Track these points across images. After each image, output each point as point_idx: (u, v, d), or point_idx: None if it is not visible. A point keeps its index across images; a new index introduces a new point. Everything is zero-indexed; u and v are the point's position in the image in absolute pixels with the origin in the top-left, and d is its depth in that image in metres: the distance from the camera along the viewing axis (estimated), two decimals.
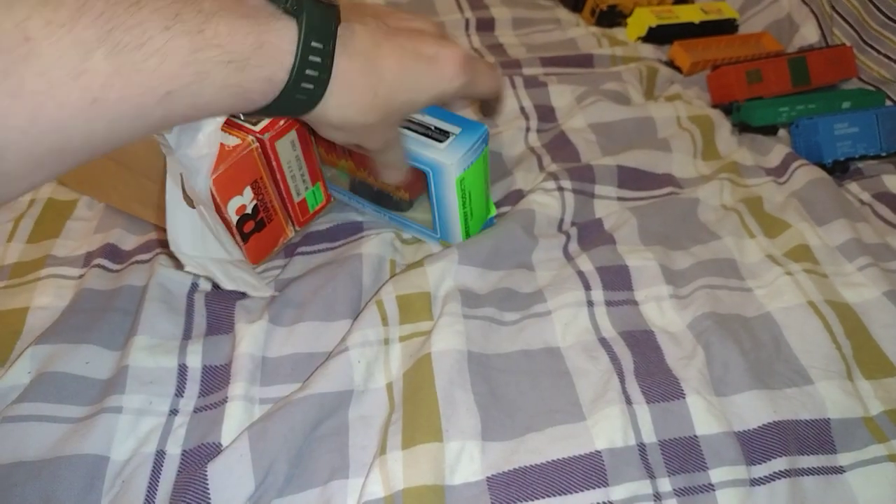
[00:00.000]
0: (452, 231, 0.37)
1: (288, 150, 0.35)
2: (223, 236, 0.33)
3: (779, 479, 0.29)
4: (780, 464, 0.29)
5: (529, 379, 0.32)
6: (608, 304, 0.36)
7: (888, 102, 0.53)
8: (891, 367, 0.33)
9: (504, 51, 0.59)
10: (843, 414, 0.31)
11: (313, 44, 0.21)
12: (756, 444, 0.30)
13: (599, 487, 0.28)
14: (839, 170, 0.47)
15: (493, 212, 0.40)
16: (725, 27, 0.62)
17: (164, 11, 0.18)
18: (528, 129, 0.49)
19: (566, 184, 0.42)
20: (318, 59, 0.21)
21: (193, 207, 0.32)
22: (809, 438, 0.30)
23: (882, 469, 0.30)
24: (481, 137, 0.34)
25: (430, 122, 0.34)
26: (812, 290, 0.36)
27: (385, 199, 0.38)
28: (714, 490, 0.28)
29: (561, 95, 0.51)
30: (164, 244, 0.38)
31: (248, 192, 0.34)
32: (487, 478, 0.28)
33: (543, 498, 0.28)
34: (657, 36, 0.60)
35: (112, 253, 0.38)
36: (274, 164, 0.35)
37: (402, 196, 0.37)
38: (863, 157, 0.48)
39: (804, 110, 0.50)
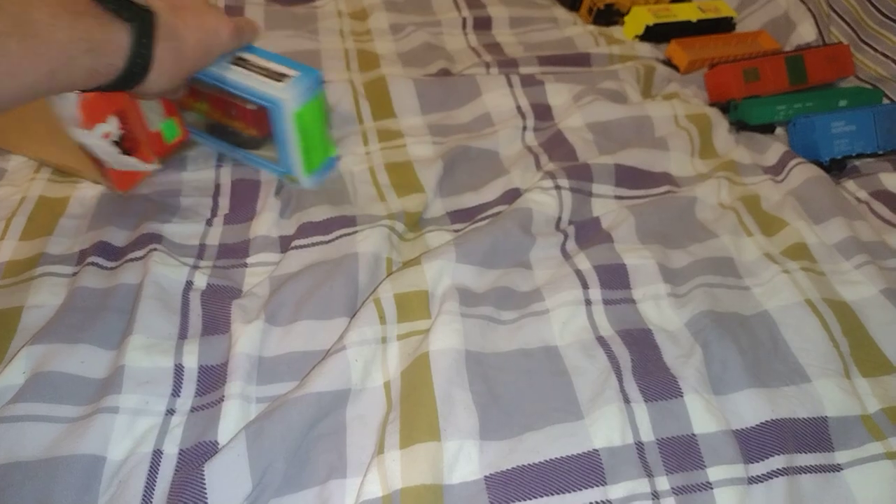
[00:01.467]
0: (295, 164, 0.42)
1: None
2: (105, 151, 0.40)
3: (776, 477, 0.29)
4: (777, 462, 0.29)
5: (527, 378, 0.32)
6: (606, 302, 0.36)
7: (885, 100, 0.53)
8: (888, 364, 0.34)
9: (501, 49, 0.59)
10: (841, 412, 0.31)
11: (142, 40, 0.31)
12: (754, 443, 0.30)
13: (597, 486, 0.28)
14: (836, 168, 0.47)
15: (334, 152, 0.45)
16: (723, 25, 0.62)
17: (46, 10, 0.27)
18: (524, 129, 0.49)
19: (564, 182, 0.42)
20: (143, 51, 0.31)
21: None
22: (807, 436, 0.30)
23: (879, 467, 0.30)
24: (315, 79, 0.40)
25: (272, 67, 0.39)
26: (809, 289, 0.36)
27: (237, 138, 0.43)
28: (712, 488, 0.28)
29: (558, 94, 0.51)
30: (155, 239, 0.38)
31: (114, 121, 0.39)
32: (485, 477, 0.28)
33: (541, 497, 0.28)
34: (654, 34, 0.60)
35: (105, 250, 0.38)
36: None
37: (252, 134, 0.42)
38: (860, 156, 0.48)
39: (801, 108, 0.50)
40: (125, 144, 0.40)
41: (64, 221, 0.41)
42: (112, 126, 0.39)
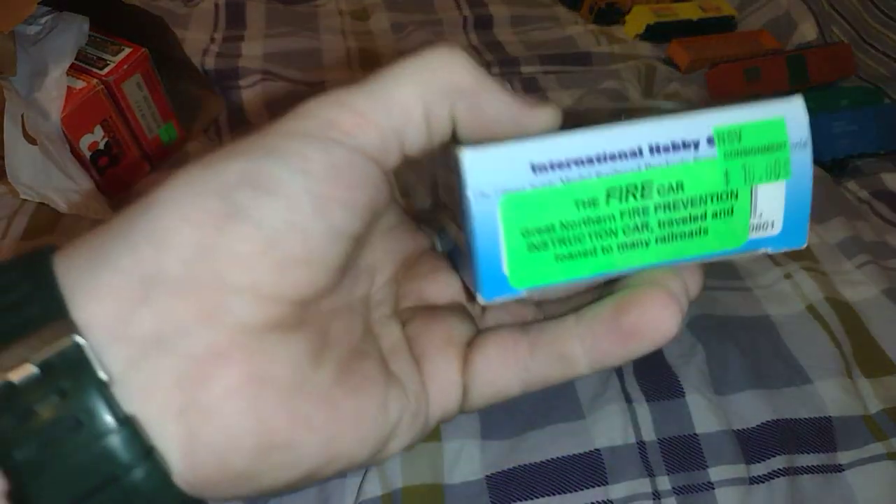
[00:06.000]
0: None
1: (135, 90, 0.41)
2: (71, 169, 0.38)
3: (778, 477, 0.29)
4: (779, 462, 0.29)
5: None
6: None
7: (887, 100, 0.53)
8: (890, 365, 0.33)
9: (502, 48, 0.59)
10: (843, 412, 0.31)
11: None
12: (755, 443, 0.30)
13: (599, 486, 0.28)
14: (837, 168, 0.47)
15: None
16: (724, 25, 0.62)
17: None
18: None
19: None
20: None
21: (34, 144, 0.37)
22: (809, 437, 0.30)
23: (881, 467, 0.29)
24: None
25: None
26: (812, 290, 0.36)
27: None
28: (713, 488, 0.28)
29: (559, 101, 0.51)
30: None
31: (99, 130, 0.39)
32: (487, 476, 0.28)
33: (543, 497, 0.28)
34: (655, 33, 0.60)
35: None
36: (122, 103, 0.40)
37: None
38: (861, 155, 0.48)
39: None
40: (113, 152, 0.41)
41: (65, 221, 0.41)
42: (97, 136, 0.39)
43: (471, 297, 0.17)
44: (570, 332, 0.17)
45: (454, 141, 0.16)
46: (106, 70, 0.39)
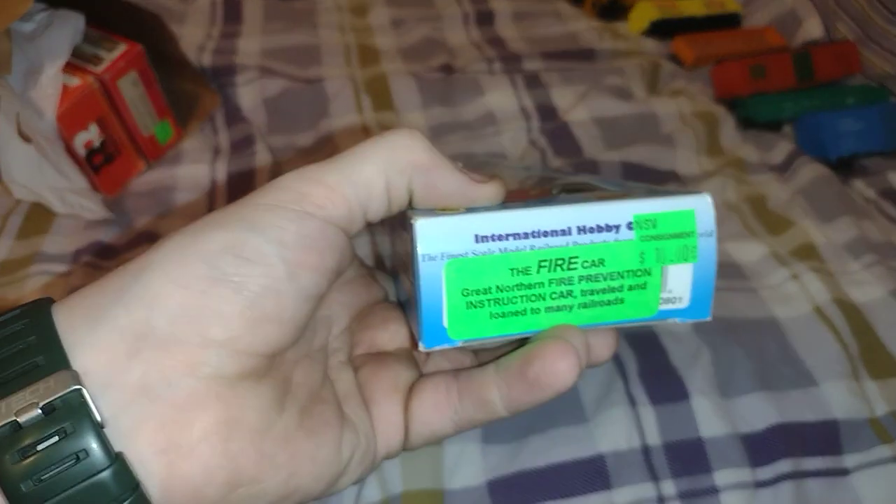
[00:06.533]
0: None
1: (130, 87, 0.40)
2: (66, 167, 0.37)
3: (784, 480, 0.28)
4: (785, 466, 0.29)
5: None
6: None
7: (893, 98, 0.52)
8: None
9: (504, 44, 0.58)
10: (849, 415, 0.31)
11: None
12: (761, 446, 0.29)
13: (602, 490, 0.28)
14: (844, 166, 0.46)
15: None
16: (729, 21, 0.62)
17: None
18: (529, 130, 0.48)
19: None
20: None
21: (29, 143, 0.36)
22: (815, 440, 0.30)
23: (887, 470, 0.29)
24: None
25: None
26: (818, 291, 0.36)
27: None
28: (718, 492, 0.28)
29: (563, 97, 0.50)
30: (150, 238, 0.38)
31: (94, 128, 0.39)
32: (488, 481, 0.28)
33: (545, 501, 0.27)
34: (660, 30, 0.59)
35: (101, 250, 0.38)
36: (117, 101, 0.39)
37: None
38: (868, 154, 0.47)
39: (808, 106, 0.50)
40: (108, 150, 0.40)
41: (61, 220, 0.40)
42: (93, 134, 0.39)
43: (415, 344, 0.19)
44: (490, 380, 0.20)
45: (411, 207, 0.19)
46: (101, 67, 0.39)
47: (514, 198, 0.20)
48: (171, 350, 0.15)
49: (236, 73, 0.52)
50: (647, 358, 0.32)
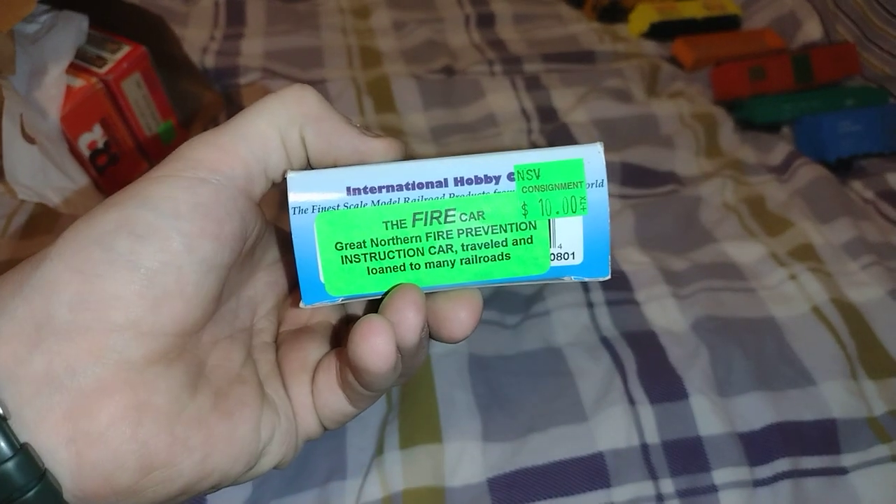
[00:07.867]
0: None
1: (134, 89, 0.41)
2: (69, 168, 0.38)
3: (782, 479, 0.28)
4: (783, 465, 0.29)
5: (530, 379, 0.32)
6: (609, 304, 0.35)
7: (892, 100, 0.52)
8: (895, 367, 0.33)
9: (505, 47, 0.59)
10: (847, 414, 0.31)
11: None
12: (759, 445, 0.29)
13: (602, 489, 0.28)
14: (843, 168, 0.47)
15: None
16: (728, 23, 0.62)
17: None
18: (529, 131, 0.48)
19: None
20: None
21: (33, 143, 0.36)
22: (813, 439, 0.30)
23: (886, 470, 0.29)
24: None
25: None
26: (817, 291, 0.36)
27: None
28: (717, 491, 0.28)
29: (563, 99, 0.51)
30: None
31: (98, 129, 0.39)
32: (488, 479, 0.28)
33: (545, 499, 0.27)
34: (659, 32, 0.59)
35: None
36: (121, 102, 0.40)
37: None
38: (866, 155, 0.47)
39: (807, 107, 0.50)
40: (111, 151, 0.40)
41: (64, 220, 0.41)
42: (96, 135, 0.39)
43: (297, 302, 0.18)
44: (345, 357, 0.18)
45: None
46: (105, 68, 0.39)
47: None
48: (74, 338, 0.15)
49: (239, 74, 0.52)
50: (646, 357, 0.33)
